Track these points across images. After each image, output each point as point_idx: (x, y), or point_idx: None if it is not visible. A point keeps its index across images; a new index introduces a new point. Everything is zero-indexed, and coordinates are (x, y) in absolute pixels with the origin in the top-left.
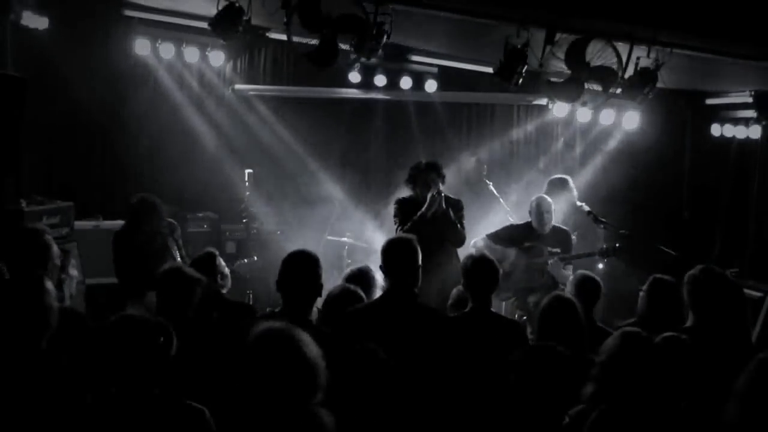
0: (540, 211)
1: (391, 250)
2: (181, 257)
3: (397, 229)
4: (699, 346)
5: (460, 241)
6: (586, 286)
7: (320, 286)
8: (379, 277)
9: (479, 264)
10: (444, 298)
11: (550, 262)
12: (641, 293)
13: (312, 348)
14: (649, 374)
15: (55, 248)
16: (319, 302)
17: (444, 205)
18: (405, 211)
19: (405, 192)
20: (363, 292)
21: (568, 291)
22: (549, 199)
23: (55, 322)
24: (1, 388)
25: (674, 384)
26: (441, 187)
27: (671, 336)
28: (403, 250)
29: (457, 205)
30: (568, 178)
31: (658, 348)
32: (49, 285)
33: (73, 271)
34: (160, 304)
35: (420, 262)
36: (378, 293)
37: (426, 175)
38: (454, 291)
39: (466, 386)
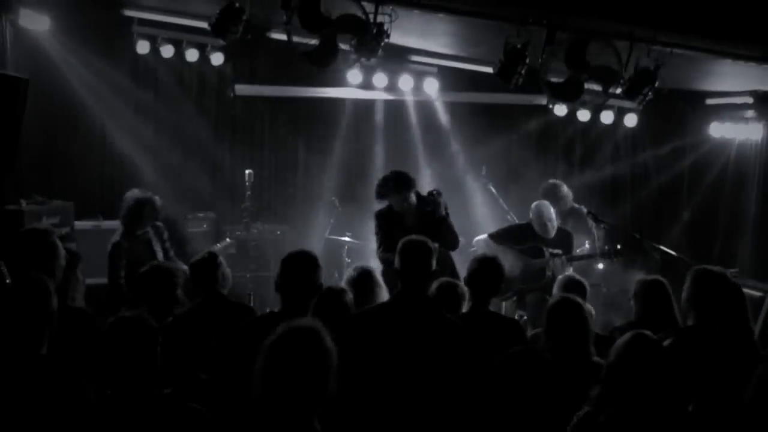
0: (542, 221)
1: (406, 252)
2: (169, 259)
3: (379, 247)
4: (701, 346)
5: (456, 243)
6: (571, 288)
7: (319, 286)
8: (379, 278)
9: (485, 265)
10: None
11: (550, 263)
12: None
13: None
14: (658, 377)
15: (61, 249)
16: None
17: (443, 209)
18: (387, 223)
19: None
20: (363, 293)
21: (554, 293)
22: (551, 207)
23: (56, 325)
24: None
25: (682, 387)
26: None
27: (679, 339)
28: (419, 251)
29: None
30: (560, 183)
31: (667, 351)
32: (52, 289)
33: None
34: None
35: (435, 264)
36: (378, 294)
37: (397, 190)
38: (436, 282)
39: (469, 386)
